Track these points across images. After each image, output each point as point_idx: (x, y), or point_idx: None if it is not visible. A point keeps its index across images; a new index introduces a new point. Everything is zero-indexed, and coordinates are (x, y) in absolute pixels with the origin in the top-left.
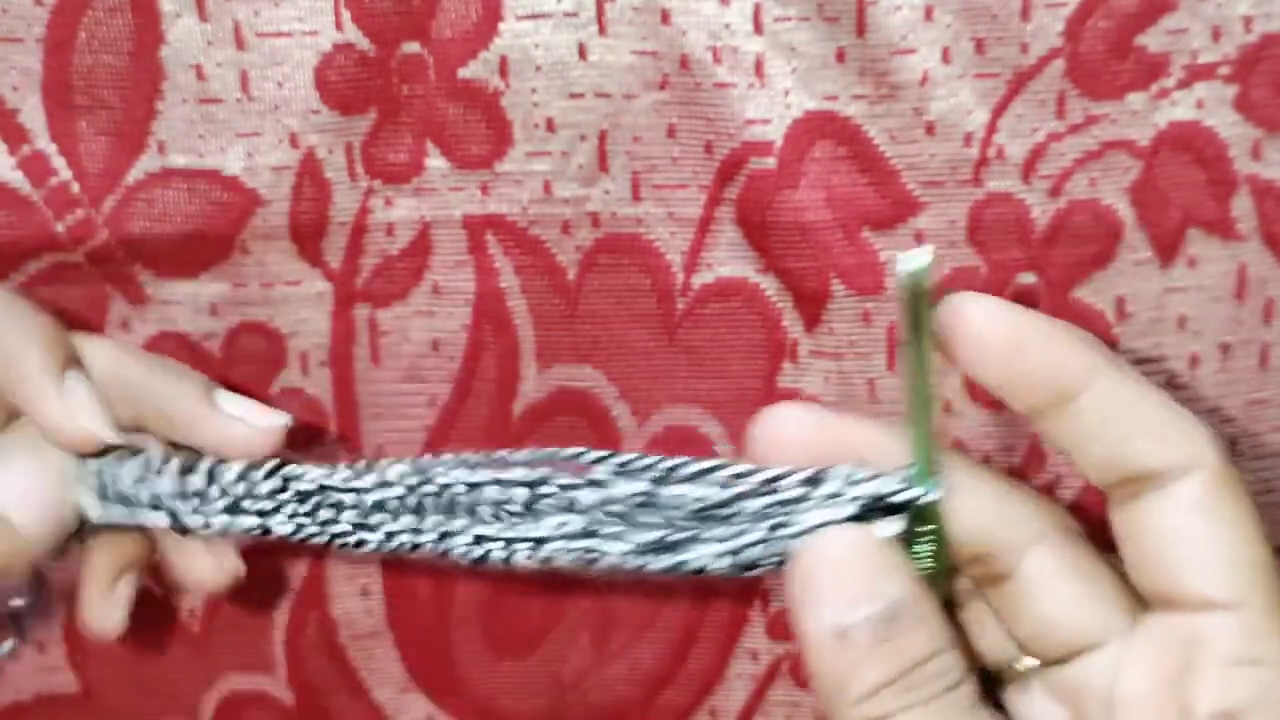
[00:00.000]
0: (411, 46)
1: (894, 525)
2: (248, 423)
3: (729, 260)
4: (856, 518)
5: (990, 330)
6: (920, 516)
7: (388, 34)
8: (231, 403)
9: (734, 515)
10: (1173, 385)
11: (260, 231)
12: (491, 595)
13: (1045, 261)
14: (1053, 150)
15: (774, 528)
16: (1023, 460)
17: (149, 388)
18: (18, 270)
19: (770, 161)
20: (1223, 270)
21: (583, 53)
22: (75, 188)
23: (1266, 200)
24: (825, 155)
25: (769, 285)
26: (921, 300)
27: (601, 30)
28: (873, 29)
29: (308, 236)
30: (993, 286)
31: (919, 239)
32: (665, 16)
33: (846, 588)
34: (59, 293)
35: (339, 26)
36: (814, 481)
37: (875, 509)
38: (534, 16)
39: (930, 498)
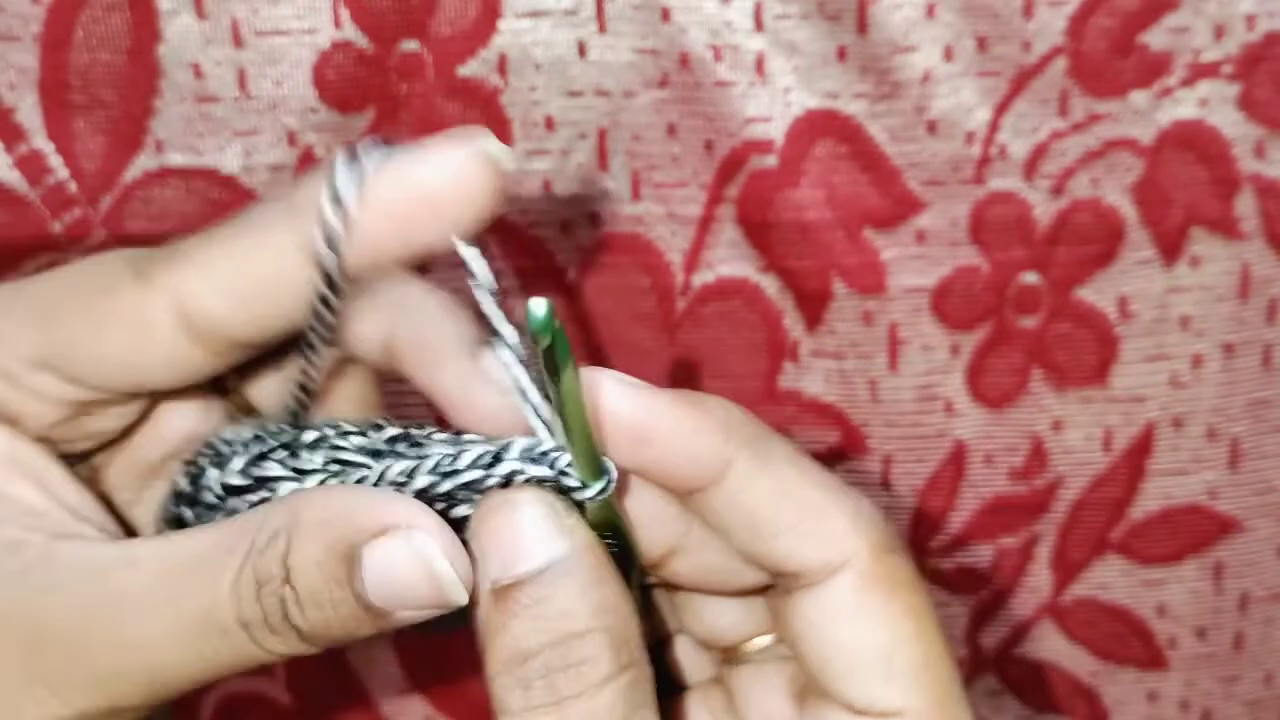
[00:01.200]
0: (410, 44)
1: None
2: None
3: (729, 259)
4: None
5: (617, 417)
6: (608, 523)
7: (386, 32)
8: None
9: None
10: (1176, 385)
11: None
12: None
13: (1048, 260)
14: (1055, 149)
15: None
16: (1024, 460)
17: None
18: (14, 269)
19: (771, 160)
20: (1226, 269)
21: (582, 51)
22: (72, 187)
23: (1270, 199)
24: (826, 154)
25: (770, 285)
26: (558, 341)
27: (601, 28)
28: (874, 27)
29: None
30: (995, 285)
31: (920, 238)
32: (665, 14)
33: (507, 544)
34: None
35: (337, 24)
36: (496, 460)
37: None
38: (533, 14)
39: (589, 494)
